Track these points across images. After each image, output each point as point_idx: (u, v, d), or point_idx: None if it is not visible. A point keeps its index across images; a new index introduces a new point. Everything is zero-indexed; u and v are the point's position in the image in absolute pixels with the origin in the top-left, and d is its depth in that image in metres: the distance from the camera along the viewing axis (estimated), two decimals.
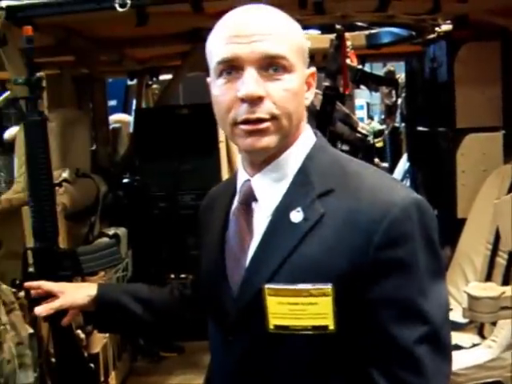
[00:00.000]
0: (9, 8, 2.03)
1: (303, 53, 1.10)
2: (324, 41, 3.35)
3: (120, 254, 1.89)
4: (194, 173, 2.65)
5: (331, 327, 1.04)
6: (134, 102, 3.91)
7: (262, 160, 1.11)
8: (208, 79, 1.12)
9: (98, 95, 3.03)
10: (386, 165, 5.52)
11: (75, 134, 2.36)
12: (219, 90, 1.06)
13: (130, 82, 4.23)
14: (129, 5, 1.91)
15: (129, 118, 4.18)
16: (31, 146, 1.84)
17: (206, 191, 2.59)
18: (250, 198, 1.14)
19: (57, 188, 1.93)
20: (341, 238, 1.03)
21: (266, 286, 1.06)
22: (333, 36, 3.16)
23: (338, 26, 2.67)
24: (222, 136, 2.74)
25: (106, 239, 2.24)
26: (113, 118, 3.99)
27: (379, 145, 6.78)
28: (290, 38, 1.07)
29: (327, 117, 2.70)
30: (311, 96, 1.13)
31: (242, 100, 1.03)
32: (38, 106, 1.84)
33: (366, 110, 13.19)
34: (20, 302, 1.76)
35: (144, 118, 2.79)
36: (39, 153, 1.83)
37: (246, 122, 1.04)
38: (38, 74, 1.87)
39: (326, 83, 2.62)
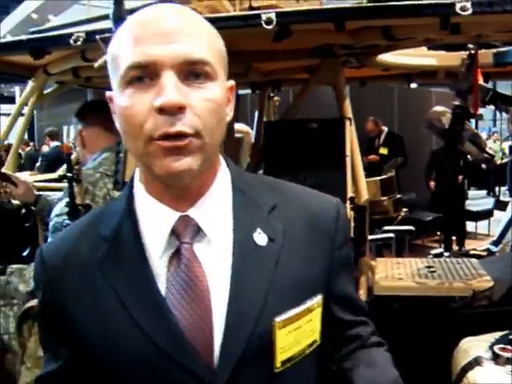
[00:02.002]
0: None
1: (224, 61, 0.96)
2: (448, 58, 3.33)
3: None
4: (320, 187, 2.67)
5: (318, 340, 1.02)
6: (256, 113, 4.04)
7: (182, 188, 0.93)
8: (108, 93, 0.96)
9: None
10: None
11: None
12: (128, 100, 0.88)
13: (240, 92, 4.34)
14: (275, 22, 1.98)
15: (249, 129, 4.29)
16: None
17: None
18: (194, 235, 0.94)
19: None
20: (309, 247, 1.00)
21: (277, 319, 0.93)
22: (458, 54, 3.16)
23: (470, 45, 2.63)
24: (348, 151, 2.78)
25: None
26: (235, 127, 4.11)
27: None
28: (213, 41, 0.94)
29: (456, 136, 2.68)
30: (231, 113, 0.97)
31: (160, 111, 0.86)
32: None
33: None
34: None
35: (273, 130, 2.87)
36: None
37: (165, 137, 0.86)
38: None
39: (456, 102, 2.59)
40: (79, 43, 2.24)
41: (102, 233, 0.97)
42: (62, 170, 4.46)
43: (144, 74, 0.88)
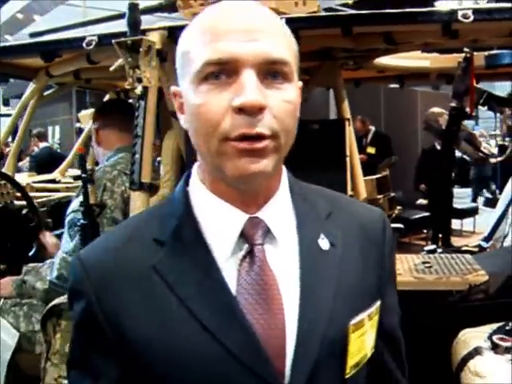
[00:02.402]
0: (170, 28, 2.21)
1: (298, 61, 0.93)
2: (441, 60, 3.44)
3: None
4: (321, 186, 2.77)
5: (374, 346, 1.00)
6: None
7: (252, 190, 0.91)
8: (175, 89, 0.93)
9: None
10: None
11: None
12: (203, 97, 0.85)
13: None
14: None
15: None
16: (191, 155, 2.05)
17: None
18: (264, 237, 0.92)
19: None
20: (364, 255, 0.99)
21: (352, 322, 0.92)
22: (450, 56, 3.27)
23: (466, 49, 2.73)
24: (348, 151, 2.88)
25: None
26: None
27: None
28: (291, 41, 0.91)
29: (452, 136, 2.78)
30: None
31: (239, 110, 0.83)
32: None
33: None
34: None
35: None
36: None
37: (242, 138, 0.83)
38: None
39: (453, 104, 2.69)
40: (91, 47, 2.30)
41: (158, 237, 0.91)
42: (59, 171, 4.52)
43: (222, 71, 0.84)
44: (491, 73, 3.53)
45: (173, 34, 2.21)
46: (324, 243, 0.95)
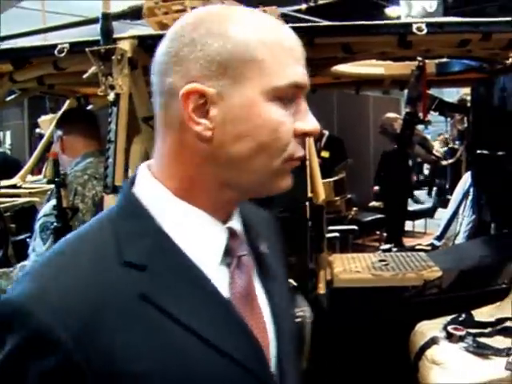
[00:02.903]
0: (140, 37, 2.29)
1: None
2: (395, 68, 3.61)
3: None
4: None
5: None
6: None
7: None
8: (203, 88, 0.85)
9: None
10: None
11: None
12: (282, 116, 0.86)
13: None
14: None
15: None
16: None
17: (293, 206, 2.84)
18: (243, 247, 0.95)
19: None
20: (275, 253, 1.03)
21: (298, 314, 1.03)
22: (403, 64, 3.44)
23: (419, 58, 2.89)
24: (308, 154, 3.00)
25: None
26: None
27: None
28: None
29: (407, 140, 2.94)
30: None
31: (304, 135, 0.89)
32: None
33: None
34: None
35: None
36: None
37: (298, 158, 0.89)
38: None
39: (407, 109, 2.85)
40: (63, 54, 2.36)
41: (133, 260, 0.83)
42: (19, 177, 4.51)
43: (293, 96, 0.87)
44: (441, 79, 3.71)
45: (143, 43, 2.29)
46: (263, 246, 0.98)
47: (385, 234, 7.53)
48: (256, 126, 0.85)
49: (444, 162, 3.76)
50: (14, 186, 4.35)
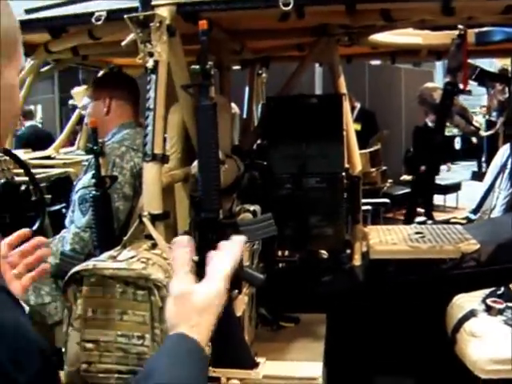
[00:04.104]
0: (178, 3, 2.26)
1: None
2: (433, 37, 3.53)
3: (275, 227, 2.10)
4: (319, 157, 2.87)
5: None
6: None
7: None
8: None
9: (225, 82, 3.28)
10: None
11: (222, 117, 2.60)
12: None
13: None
14: (292, 4, 2.12)
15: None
16: (203, 129, 2.10)
17: (329, 177, 2.82)
18: None
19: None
20: None
21: None
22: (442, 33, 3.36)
23: (460, 26, 2.82)
24: (345, 125, 2.97)
25: (247, 214, 2.48)
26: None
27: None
28: None
29: (446, 110, 2.88)
30: None
31: None
32: (209, 92, 2.12)
33: None
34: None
35: (274, 106, 3.03)
36: (210, 134, 2.10)
37: None
38: (209, 63, 2.15)
39: (447, 79, 2.79)
40: (100, 22, 2.34)
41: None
42: (53, 148, 4.55)
43: None
44: (481, 49, 3.62)
45: (181, 10, 2.26)
46: None
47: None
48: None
49: (483, 133, 3.69)
50: (48, 158, 4.39)
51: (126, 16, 2.11)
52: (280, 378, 2.16)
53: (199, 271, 2.02)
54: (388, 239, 3.13)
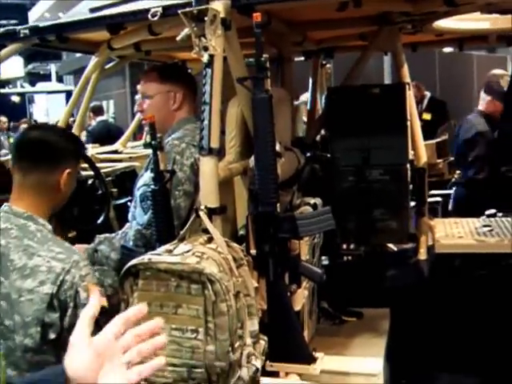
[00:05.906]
0: None
1: None
2: (501, 21, 3.38)
3: (333, 220, 2.07)
4: (383, 149, 2.81)
5: None
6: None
7: None
8: None
9: (287, 74, 3.24)
10: None
11: (281, 110, 2.58)
12: None
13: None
14: None
15: None
16: (259, 121, 2.10)
17: (393, 168, 2.76)
18: None
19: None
20: None
21: None
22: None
23: None
24: (408, 115, 2.90)
25: (307, 207, 2.45)
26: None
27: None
28: None
29: None
30: None
31: None
32: (264, 85, 2.10)
33: None
34: (247, 259, 1.96)
35: (336, 97, 2.98)
36: (266, 127, 2.10)
37: None
38: (265, 56, 2.13)
39: None
40: (156, 18, 2.36)
41: None
42: (120, 142, 4.64)
43: None
44: None
45: (236, 4, 2.25)
46: None
47: None
48: None
49: None
50: (115, 152, 4.49)
51: (180, 11, 2.11)
52: (338, 373, 2.14)
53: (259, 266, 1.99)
54: (455, 232, 3.04)
